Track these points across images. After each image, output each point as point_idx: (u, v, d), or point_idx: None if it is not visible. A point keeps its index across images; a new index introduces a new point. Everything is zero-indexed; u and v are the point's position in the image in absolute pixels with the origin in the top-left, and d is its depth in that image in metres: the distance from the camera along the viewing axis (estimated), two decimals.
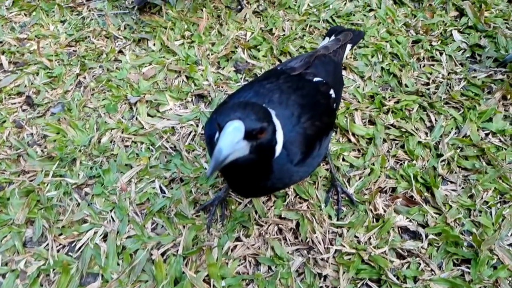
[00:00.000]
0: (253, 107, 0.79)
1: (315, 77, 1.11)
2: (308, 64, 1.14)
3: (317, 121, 0.98)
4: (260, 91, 0.99)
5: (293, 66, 1.14)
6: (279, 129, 0.87)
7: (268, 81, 1.03)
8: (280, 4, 1.92)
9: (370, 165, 1.44)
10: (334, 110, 1.12)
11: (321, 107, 1.03)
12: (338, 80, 1.18)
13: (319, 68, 1.14)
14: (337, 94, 1.13)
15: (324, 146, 1.03)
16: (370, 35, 1.79)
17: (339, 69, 1.23)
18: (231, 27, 1.85)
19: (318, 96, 1.05)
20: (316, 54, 1.20)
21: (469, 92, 1.61)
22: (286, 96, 0.98)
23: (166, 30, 1.82)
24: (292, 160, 0.93)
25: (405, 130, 1.51)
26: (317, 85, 1.08)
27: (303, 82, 1.07)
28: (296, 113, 0.96)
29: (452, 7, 1.88)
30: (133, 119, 1.58)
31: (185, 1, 1.95)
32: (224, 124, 0.75)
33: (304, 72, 1.11)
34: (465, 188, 1.38)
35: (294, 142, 0.92)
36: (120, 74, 1.69)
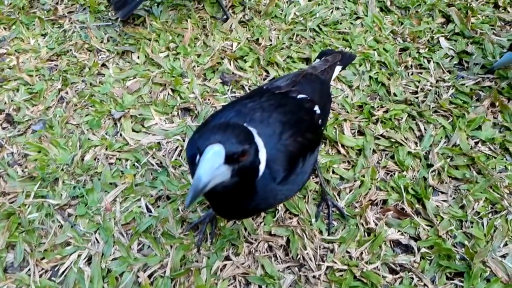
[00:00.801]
0: (234, 129, 0.76)
1: (299, 94, 1.10)
2: (295, 82, 1.13)
3: (300, 138, 0.97)
4: (242, 110, 0.98)
5: (279, 85, 1.13)
6: (262, 148, 0.86)
7: (251, 100, 1.02)
8: (266, 13, 1.91)
9: (360, 177, 1.42)
10: (320, 127, 1.10)
11: (304, 124, 1.01)
12: (324, 97, 1.17)
13: (305, 86, 1.13)
14: (323, 111, 1.12)
15: (309, 163, 1.02)
16: (358, 43, 1.78)
17: (326, 87, 1.22)
18: (217, 37, 1.83)
19: (301, 113, 1.03)
20: (303, 73, 1.19)
21: (458, 100, 1.61)
22: (267, 114, 0.97)
23: (150, 42, 1.79)
24: (275, 179, 0.91)
25: (395, 140, 1.49)
26: (301, 102, 1.07)
27: (286, 99, 1.06)
28: (277, 131, 0.94)
29: (439, 13, 1.88)
30: (117, 135, 1.54)
31: (170, 12, 1.92)
32: (204, 148, 0.73)
33: (289, 90, 1.10)
34: (456, 199, 1.37)
35: (276, 160, 0.90)
36: (103, 88, 1.65)
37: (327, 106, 1.17)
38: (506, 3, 1.92)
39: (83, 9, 1.97)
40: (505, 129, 1.53)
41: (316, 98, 1.11)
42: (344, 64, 1.37)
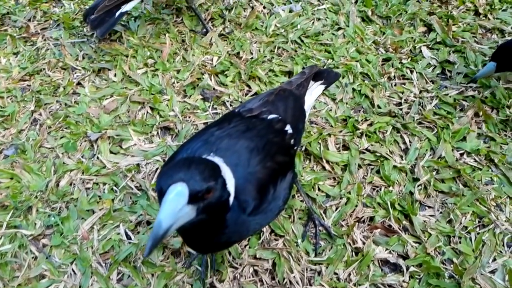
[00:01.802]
0: (198, 165, 0.73)
1: (271, 114, 1.07)
2: (267, 102, 1.10)
3: (269, 162, 0.94)
4: (209, 139, 0.94)
5: (251, 107, 1.10)
6: (230, 179, 0.82)
7: (218, 128, 0.99)
8: (247, 25, 1.88)
9: (346, 194, 1.40)
10: (292, 146, 1.07)
11: (274, 146, 0.98)
12: (298, 114, 1.14)
13: (278, 104, 1.10)
14: (296, 129, 1.09)
15: (282, 188, 0.98)
16: (340, 55, 1.76)
17: (299, 102, 1.19)
18: (197, 52, 1.79)
19: (270, 135, 1.00)
20: (276, 90, 1.16)
21: (442, 110, 1.60)
22: (234, 141, 0.93)
23: (127, 58, 1.75)
24: (245, 209, 0.88)
25: (380, 154, 1.48)
26: (271, 123, 1.04)
27: (254, 122, 1.03)
28: (244, 158, 0.91)
29: (420, 22, 1.88)
30: (94, 158, 1.49)
31: (147, 26, 1.88)
32: (166, 188, 0.69)
33: (261, 111, 1.07)
34: (443, 213, 1.36)
35: (244, 190, 0.87)
36: (79, 109, 1.60)
37: (300, 124, 1.14)
38: (486, 11, 1.93)
39: (57, 25, 1.91)
40: (490, 139, 1.52)
41: (288, 117, 1.08)
42: (328, 83, 1.34)
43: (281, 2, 1.99)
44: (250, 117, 1.05)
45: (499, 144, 1.49)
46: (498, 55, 1.48)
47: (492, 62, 1.50)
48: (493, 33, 1.86)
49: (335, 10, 1.94)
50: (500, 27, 1.86)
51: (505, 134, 1.54)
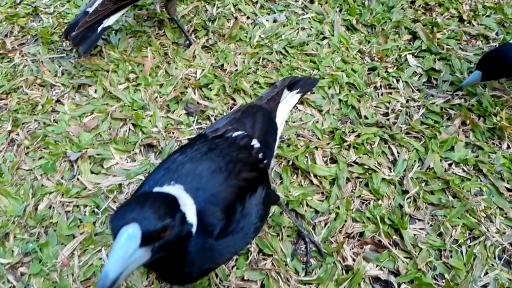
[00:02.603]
0: (153, 202, 0.69)
1: (236, 131, 1.04)
2: (233, 120, 1.09)
3: (234, 180, 0.91)
4: (171, 167, 0.91)
5: (218, 126, 1.08)
6: (191, 208, 0.79)
7: (181, 153, 0.96)
8: (231, 36, 1.84)
9: (335, 209, 1.37)
10: (261, 161, 1.03)
11: (239, 163, 0.95)
12: (267, 127, 1.11)
13: (244, 121, 1.09)
14: (264, 143, 1.06)
15: (253, 204, 0.94)
16: (325, 65, 1.74)
17: (269, 116, 1.17)
18: (180, 65, 1.75)
19: (234, 153, 0.97)
20: (244, 107, 1.15)
21: (429, 119, 1.58)
22: (195, 165, 0.91)
23: (108, 73, 1.70)
24: (212, 233, 0.84)
25: (368, 167, 1.45)
26: (235, 140, 1.02)
27: (217, 143, 1.00)
28: (205, 180, 0.88)
29: (405, 30, 1.86)
30: (74, 179, 1.43)
31: (129, 40, 1.83)
32: (117, 231, 0.65)
33: (226, 130, 1.05)
34: (433, 226, 1.33)
35: (208, 213, 0.84)
36: (58, 127, 1.54)
37: (270, 137, 1.11)
38: (470, 17, 1.92)
39: (35, 40, 1.85)
40: (478, 148, 1.51)
41: (255, 131, 1.06)
42: (304, 91, 1.32)
43: (265, 12, 1.97)
44: (215, 137, 1.03)
45: (487, 153, 1.48)
46: (483, 64, 1.47)
47: (477, 71, 1.49)
48: (477, 39, 1.86)
49: (319, 19, 1.92)
50: (484, 34, 1.86)
51: (492, 142, 1.52)
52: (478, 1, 2.00)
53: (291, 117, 1.59)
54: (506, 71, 1.47)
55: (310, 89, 1.38)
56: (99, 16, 1.60)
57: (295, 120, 1.59)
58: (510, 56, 1.44)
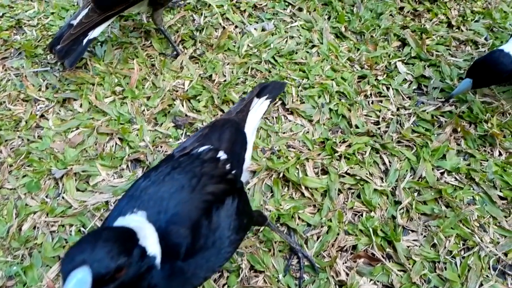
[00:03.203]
0: (106, 240, 0.66)
1: (202, 146, 1.04)
2: (201, 136, 1.08)
3: (197, 195, 0.89)
4: (134, 194, 0.89)
5: (185, 145, 1.07)
6: (153, 236, 0.77)
7: (144, 178, 0.93)
8: (219, 46, 1.82)
9: (327, 222, 1.34)
10: (229, 172, 1.02)
11: (203, 177, 0.93)
12: (234, 138, 1.11)
13: (211, 136, 1.08)
14: (233, 153, 1.06)
15: (222, 216, 0.92)
16: (315, 74, 1.72)
17: (237, 127, 1.16)
18: (167, 76, 1.72)
19: (197, 168, 0.96)
20: (212, 122, 1.15)
21: (420, 127, 1.57)
22: (158, 188, 0.88)
23: (93, 86, 1.66)
24: (178, 254, 0.81)
25: (360, 177, 1.43)
26: (199, 155, 1.01)
27: (181, 161, 0.98)
28: (167, 202, 0.86)
29: (394, 37, 1.86)
30: (59, 198, 1.40)
31: (115, 51, 1.80)
32: (65, 276, 0.61)
33: (193, 147, 1.04)
34: (427, 237, 1.32)
35: (171, 234, 0.81)
36: (42, 144, 1.50)
37: (237, 147, 1.10)
38: (459, 22, 1.92)
39: (19, 54, 1.81)
40: (469, 156, 1.50)
41: (222, 143, 1.05)
42: (274, 96, 1.32)
43: (253, 21, 1.95)
44: (181, 156, 1.01)
45: (479, 161, 1.47)
46: (473, 71, 1.46)
47: (468, 78, 1.48)
48: (467, 45, 1.85)
49: (308, 27, 1.90)
50: (473, 39, 1.85)
51: (484, 149, 1.52)
52: (467, 6, 2.00)
53: (281, 128, 1.57)
54: (497, 78, 1.46)
55: (279, 93, 1.38)
56: (84, 28, 1.57)
57: (285, 131, 1.57)
58: (500, 63, 1.44)
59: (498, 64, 1.43)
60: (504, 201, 1.39)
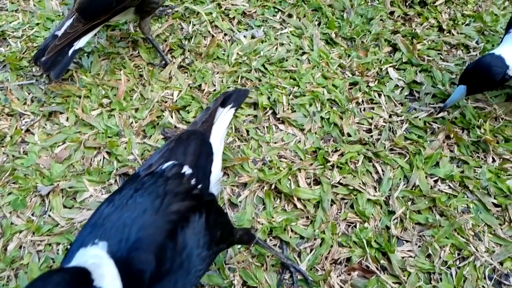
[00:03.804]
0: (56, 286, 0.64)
1: (166, 162, 1.01)
2: (166, 151, 1.06)
3: (162, 217, 0.86)
4: (97, 222, 0.86)
5: (151, 162, 1.04)
6: (111, 273, 0.75)
7: (108, 203, 0.90)
8: (208, 55, 1.80)
9: (321, 234, 1.33)
10: (195, 186, 0.99)
11: (167, 196, 0.91)
12: (199, 150, 1.09)
13: (176, 150, 1.06)
14: (198, 167, 1.03)
15: (189, 235, 0.89)
16: (306, 81, 1.71)
17: (202, 138, 1.14)
18: (155, 87, 1.70)
19: (160, 188, 0.93)
20: (177, 135, 1.12)
21: (413, 134, 1.56)
22: (120, 214, 0.85)
23: (80, 99, 1.64)
24: (142, 283, 0.79)
25: (353, 187, 1.42)
26: (163, 173, 0.98)
27: (144, 181, 0.95)
28: (128, 229, 0.82)
29: (385, 42, 1.85)
30: (45, 215, 1.37)
31: (102, 62, 1.78)
32: None
33: (158, 164, 1.02)
34: (421, 247, 1.31)
35: (134, 262, 0.79)
36: (27, 160, 1.48)
37: (203, 160, 1.08)
38: (450, 26, 1.92)
39: (3, 67, 1.78)
40: (463, 163, 1.49)
41: (187, 157, 1.03)
42: (238, 104, 1.32)
43: (242, 28, 1.93)
44: (146, 175, 0.98)
45: (472, 168, 1.46)
46: (466, 77, 1.44)
47: (461, 85, 1.46)
48: (458, 49, 1.85)
49: (298, 33, 1.89)
50: (465, 43, 1.85)
51: (477, 156, 1.51)
52: (457, 9, 2.00)
53: (272, 138, 1.56)
54: (491, 82, 1.43)
55: (243, 101, 1.38)
56: (69, 39, 1.55)
57: (277, 141, 1.56)
58: (492, 66, 1.41)
59: (491, 67, 1.41)
60: (498, 208, 1.38)
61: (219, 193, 1.41)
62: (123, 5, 1.54)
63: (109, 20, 1.60)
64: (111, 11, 1.54)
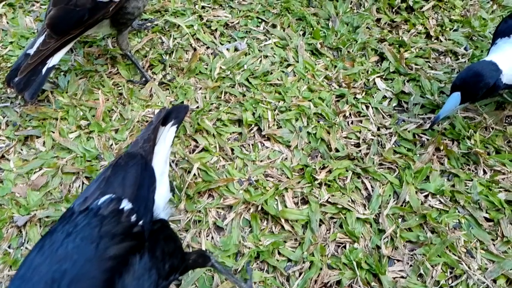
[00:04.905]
0: None
1: (103, 196, 0.94)
2: (103, 181, 0.98)
3: (96, 266, 0.80)
4: (25, 275, 0.78)
5: (86, 195, 0.96)
6: None
7: (38, 251, 0.83)
8: (190, 70, 1.79)
9: (309, 256, 1.32)
10: (136, 223, 0.92)
11: (101, 241, 0.84)
12: (140, 178, 1.02)
13: (113, 180, 0.98)
14: (138, 199, 0.96)
15: (128, 283, 0.83)
16: (291, 95, 1.70)
17: (143, 162, 1.06)
18: (136, 106, 1.68)
19: (95, 230, 0.86)
20: (115, 160, 1.05)
21: (402, 148, 1.56)
22: (49, 266, 0.78)
23: (57, 121, 1.62)
24: None
25: (342, 206, 1.41)
26: (98, 211, 0.91)
27: (76, 223, 0.87)
28: (56, 284, 0.75)
29: (372, 52, 1.85)
30: (23, 247, 1.35)
31: (79, 81, 1.76)
32: None
33: (94, 197, 0.94)
34: (413, 266, 1.30)
35: None
36: (3, 189, 1.45)
37: (144, 190, 1.01)
38: (437, 32, 1.93)
39: None
40: (454, 176, 1.49)
41: (125, 189, 0.96)
42: (179, 121, 1.28)
43: (225, 40, 1.92)
44: (80, 212, 0.90)
45: (463, 181, 1.47)
46: (461, 84, 1.40)
47: (455, 92, 1.41)
48: (446, 56, 1.86)
49: (282, 44, 1.88)
50: (453, 49, 1.86)
51: (468, 168, 1.51)
52: (445, 14, 2.01)
53: (258, 156, 1.55)
54: (486, 88, 1.40)
55: (184, 117, 1.32)
56: (42, 57, 1.53)
57: (263, 159, 1.55)
58: (487, 71, 1.39)
59: (486, 71, 1.38)
60: (490, 222, 1.39)
61: (204, 216, 1.40)
62: (96, 17, 1.51)
63: (83, 34, 1.57)
64: (83, 25, 1.51)
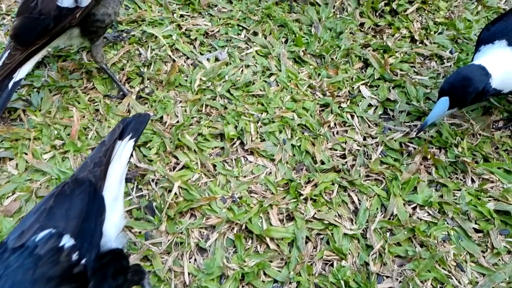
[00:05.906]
0: None
1: (42, 231, 0.87)
2: (43, 212, 0.91)
3: None
4: None
5: (23, 228, 0.88)
6: None
7: None
8: (169, 82, 1.76)
9: (296, 276, 1.30)
10: (76, 263, 0.86)
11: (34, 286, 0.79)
12: (86, 210, 0.94)
13: (55, 211, 0.91)
14: (83, 235, 0.89)
15: None
16: (274, 106, 1.68)
17: (90, 192, 0.99)
18: (113, 123, 1.65)
19: (28, 274, 0.79)
20: (59, 188, 0.98)
21: (388, 158, 1.55)
22: None
23: (30, 142, 1.57)
24: None
25: (328, 221, 1.40)
26: (34, 249, 0.84)
27: (7, 264, 0.80)
28: None
29: (356, 58, 1.84)
30: None
31: (53, 98, 1.71)
32: None
33: (32, 232, 0.87)
34: (402, 283, 1.29)
35: None
36: None
37: (90, 223, 0.93)
38: (422, 36, 1.92)
39: None
40: (441, 186, 1.48)
41: (68, 223, 0.89)
42: (138, 133, 1.20)
43: (205, 50, 1.90)
44: (13, 250, 0.83)
45: (451, 191, 1.46)
46: (449, 88, 1.38)
47: (444, 97, 1.39)
48: (432, 60, 1.86)
49: (264, 53, 1.86)
50: (438, 53, 1.86)
51: (456, 177, 1.51)
52: (429, 17, 2.00)
53: (241, 171, 1.53)
54: (475, 92, 1.38)
55: (143, 128, 1.25)
56: (7, 70, 1.48)
57: (246, 174, 1.53)
58: (477, 75, 1.37)
59: (474, 74, 1.37)
60: (480, 234, 1.38)
61: (186, 238, 1.37)
62: (62, 25, 1.45)
63: (51, 45, 1.53)
64: (49, 33, 1.45)
